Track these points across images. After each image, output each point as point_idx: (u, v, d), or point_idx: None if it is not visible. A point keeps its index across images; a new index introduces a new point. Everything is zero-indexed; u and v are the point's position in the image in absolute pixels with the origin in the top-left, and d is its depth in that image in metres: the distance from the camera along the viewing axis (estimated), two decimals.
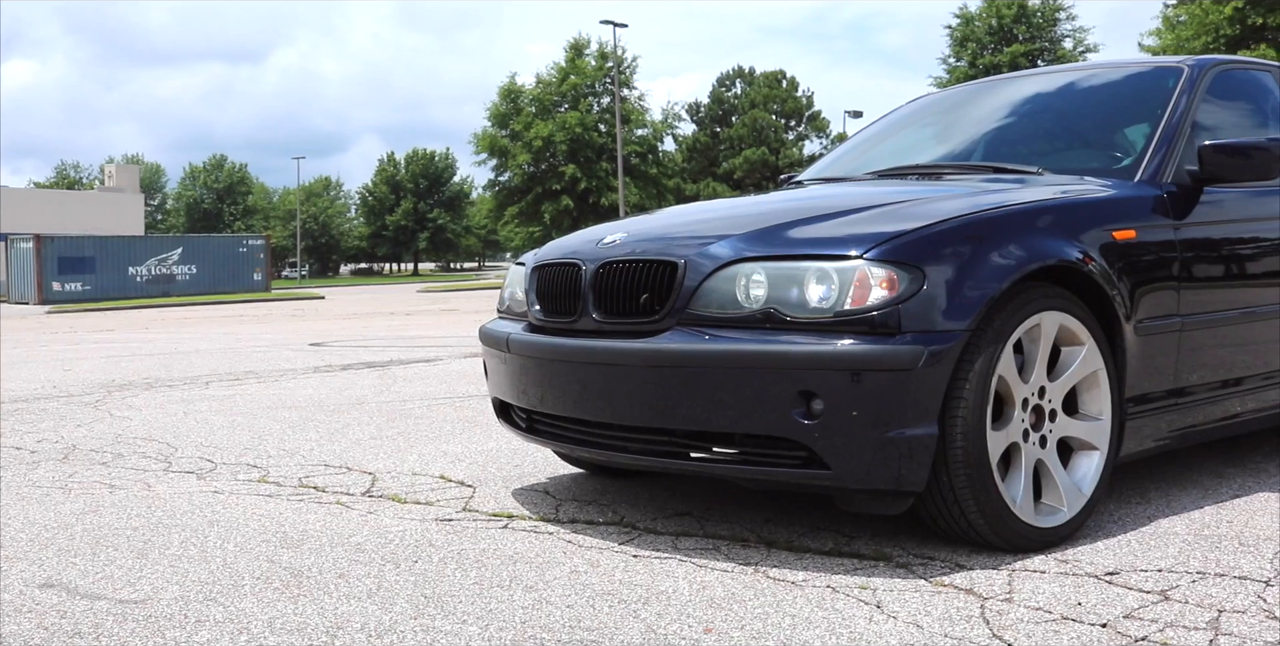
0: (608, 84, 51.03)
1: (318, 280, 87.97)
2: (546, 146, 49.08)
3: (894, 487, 2.88)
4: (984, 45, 45.62)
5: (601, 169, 49.46)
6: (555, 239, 4.01)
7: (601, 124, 50.57)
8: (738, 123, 67.23)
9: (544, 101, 50.49)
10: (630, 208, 47.03)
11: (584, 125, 49.25)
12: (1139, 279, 3.42)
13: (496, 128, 50.71)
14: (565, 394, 3.37)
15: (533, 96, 50.80)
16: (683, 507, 3.70)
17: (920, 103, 5.24)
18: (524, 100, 50.84)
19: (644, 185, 50.53)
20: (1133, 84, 4.50)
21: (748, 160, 63.25)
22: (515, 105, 50.75)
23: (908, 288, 2.87)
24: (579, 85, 50.79)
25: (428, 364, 9.30)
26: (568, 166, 49.09)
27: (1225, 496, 3.73)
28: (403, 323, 17.02)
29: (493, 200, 53.73)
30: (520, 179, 50.60)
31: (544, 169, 50.18)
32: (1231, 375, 3.85)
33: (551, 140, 48.75)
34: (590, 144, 49.60)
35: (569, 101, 50.83)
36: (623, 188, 45.74)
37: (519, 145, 49.42)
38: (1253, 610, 2.57)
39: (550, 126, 48.77)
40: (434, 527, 3.51)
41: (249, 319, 20.98)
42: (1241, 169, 3.70)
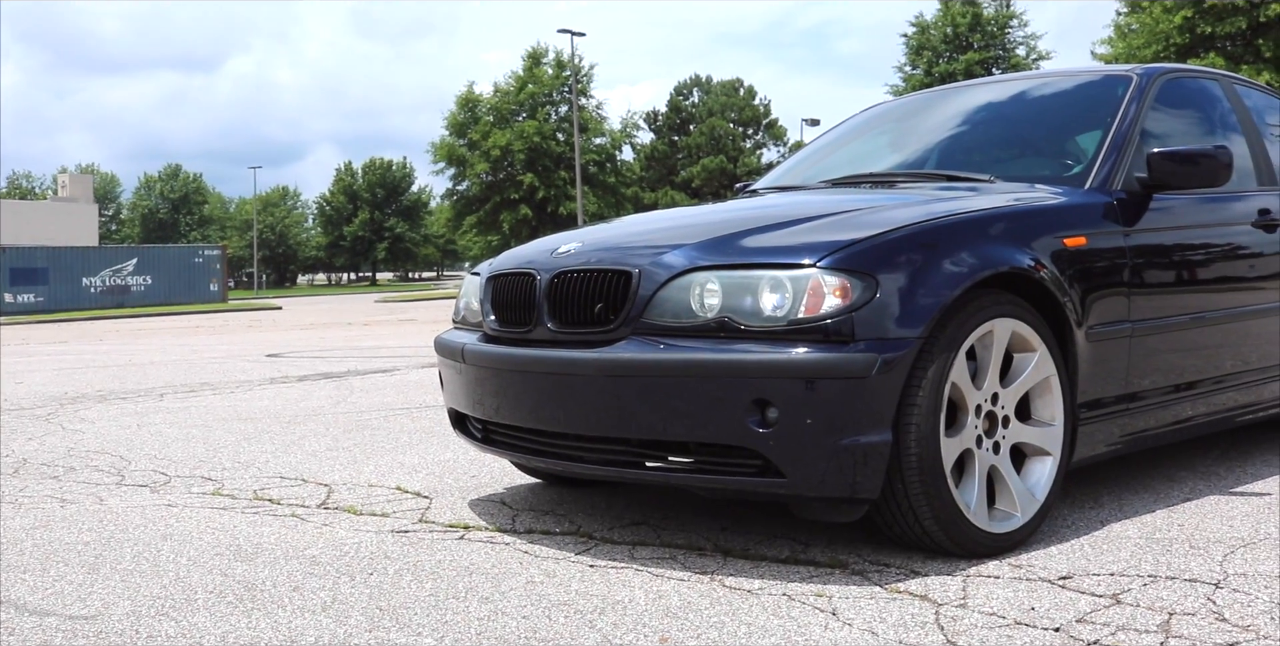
0: (565, 93, 51.03)
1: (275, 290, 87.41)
2: (504, 155, 49.00)
3: (849, 495, 2.89)
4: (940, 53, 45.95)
5: (560, 178, 49.45)
6: (511, 248, 4.00)
7: (559, 133, 50.56)
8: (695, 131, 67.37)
9: (502, 110, 50.41)
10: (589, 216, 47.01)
11: (542, 134, 49.22)
12: (1090, 285, 3.46)
13: (454, 137, 50.59)
14: (521, 404, 3.37)
15: (490, 105, 50.71)
16: (640, 517, 3.70)
17: (874, 111, 5.27)
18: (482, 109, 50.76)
19: (602, 194, 50.53)
20: (1083, 92, 4.54)
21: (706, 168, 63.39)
22: (473, 114, 50.66)
23: (861, 296, 2.88)
24: (537, 94, 50.76)
25: (385, 374, 9.26)
26: (526, 175, 49.04)
27: (1176, 500, 3.77)
28: (360, 333, 16.94)
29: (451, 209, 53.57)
30: (478, 188, 50.50)
31: (502, 178, 50.10)
32: (1183, 379, 3.89)
33: (509, 149, 48.68)
34: (548, 153, 49.57)
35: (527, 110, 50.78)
36: (581, 197, 45.72)
37: (477, 154, 49.31)
38: (1203, 612, 2.60)
39: (508, 135, 48.70)
40: (390, 539, 3.49)
41: (205, 330, 20.82)
42: (1189, 176, 3.74)
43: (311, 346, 13.73)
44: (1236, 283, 4.19)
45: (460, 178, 50.95)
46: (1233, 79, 4.90)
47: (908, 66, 46.01)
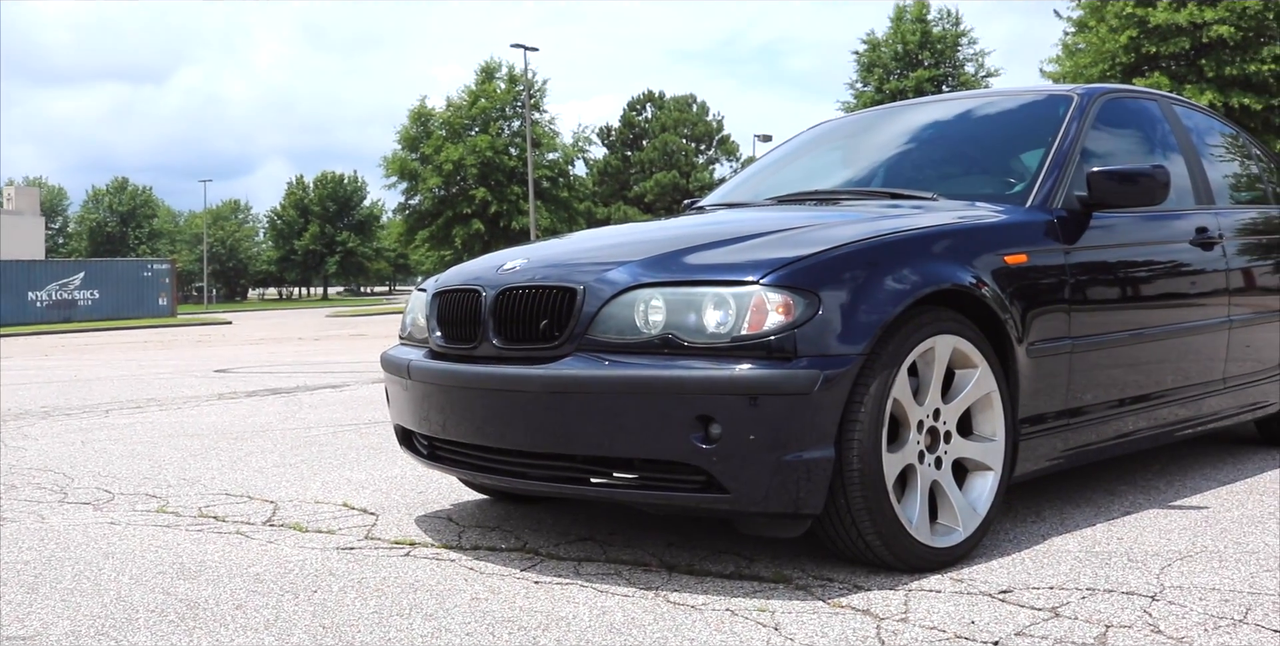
0: (518, 107, 51.00)
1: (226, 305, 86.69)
2: (457, 170, 48.84)
3: (792, 510, 2.91)
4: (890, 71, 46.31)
5: (513, 192, 49.35)
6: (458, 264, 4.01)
7: (512, 147, 50.47)
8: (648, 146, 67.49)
9: (454, 125, 50.28)
10: (541, 231, 46.95)
11: (495, 149, 49.12)
12: (1030, 302, 3.50)
13: (407, 151, 50.39)
14: (466, 420, 3.37)
15: (443, 120, 50.58)
16: (586, 533, 3.70)
17: (821, 128, 5.31)
18: (434, 123, 50.62)
19: (555, 209, 50.48)
20: (1026, 111, 4.60)
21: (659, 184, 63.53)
22: (425, 128, 50.49)
23: (804, 312, 2.91)
24: (489, 109, 50.66)
25: (334, 390, 9.21)
26: (478, 190, 48.90)
27: (1117, 513, 3.82)
28: (311, 348, 16.84)
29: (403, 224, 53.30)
30: (431, 202, 50.30)
31: (455, 192, 49.92)
32: (1123, 395, 3.94)
33: (462, 164, 48.54)
34: (501, 167, 49.47)
35: (479, 125, 50.68)
36: (534, 211, 45.68)
37: (429, 168, 49.12)
38: (1139, 624, 2.64)
39: (461, 150, 48.56)
40: (335, 556, 3.47)
41: (153, 345, 20.62)
42: (1128, 194, 3.80)
43: (261, 362, 13.63)
44: (1175, 299, 4.26)
45: (412, 192, 50.72)
46: (1171, 99, 4.99)
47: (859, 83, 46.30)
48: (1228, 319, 4.46)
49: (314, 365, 12.60)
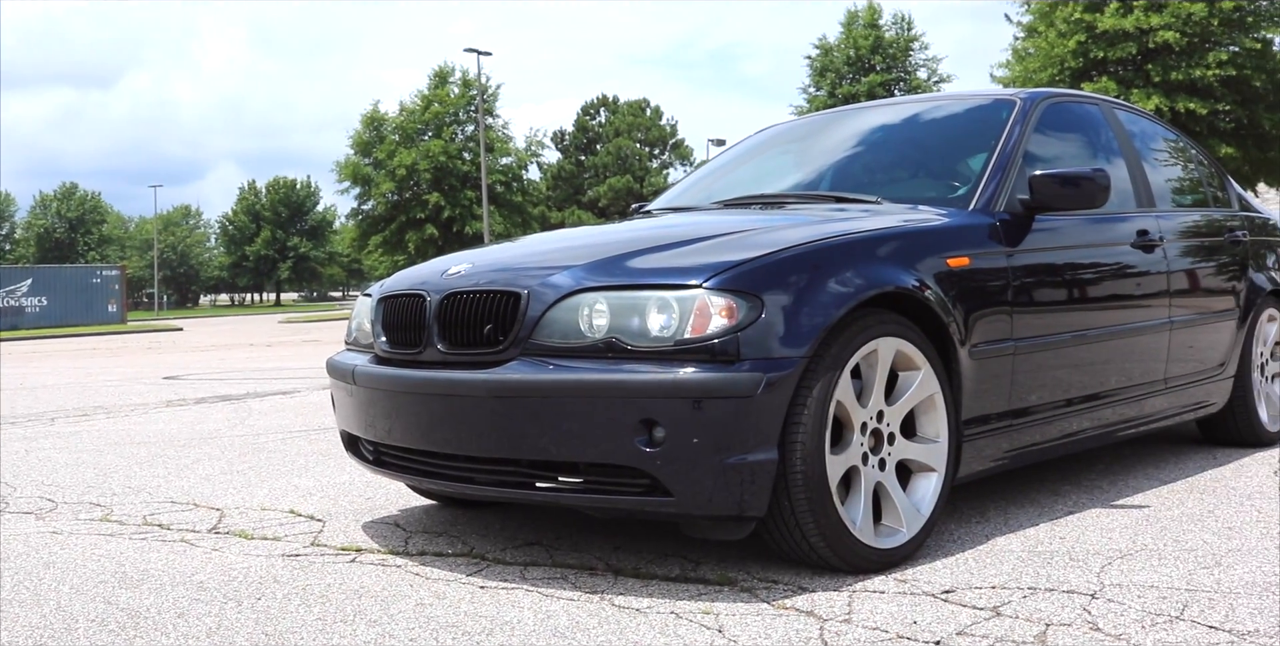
0: (472, 112, 50.84)
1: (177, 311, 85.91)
2: (410, 175, 48.61)
3: (737, 513, 2.92)
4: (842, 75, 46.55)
5: (466, 197, 49.17)
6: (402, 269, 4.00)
7: (466, 152, 50.28)
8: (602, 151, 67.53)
9: (407, 129, 50.05)
10: (495, 236, 46.81)
11: (448, 153, 48.92)
12: (973, 304, 3.53)
13: (359, 156, 50.10)
14: (412, 426, 3.35)
15: (396, 124, 50.34)
16: (533, 537, 3.70)
17: (769, 133, 5.33)
18: (387, 128, 50.36)
19: (509, 214, 50.34)
20: (970, 116, 4.65)
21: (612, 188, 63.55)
22: (378, 133, 50.22)
23: (746, 316, 2.92)
24: (442, 113, 50.48)
25: (285, 396, 9.15)
26: (432, 195, 48.69)
27: (1060, 513, 3.85)
28: (262, 354, 16.72)
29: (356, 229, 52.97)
30: (384, 207, 50.02)
31: (408, 197, 49.68)
32: (1066, 396, 3.99)
33: (415, 168, 48.32)
34: (454, 172, 49.29)
35: (432, 130, 50.48)
36: (487, 216, 45.55)
37: (382, 173, 48.85)
38: (1078, 623, 2.66)
39: (414, 155, 48.34)
40: (280, 563, 3.45)
41: (102, 352, 20.40)
42: (1070, 197, 3.84)
43: (211, 368, 13.52)
44: (1117, 301, 4.31)
45: (365, 197, 50.41)
46: (1113, 104, 5.05)
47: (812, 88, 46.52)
48: (1169, 320, 4.52)
49: (265, 371, 12.51)
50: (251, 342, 21.68)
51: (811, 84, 46.71)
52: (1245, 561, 3.18)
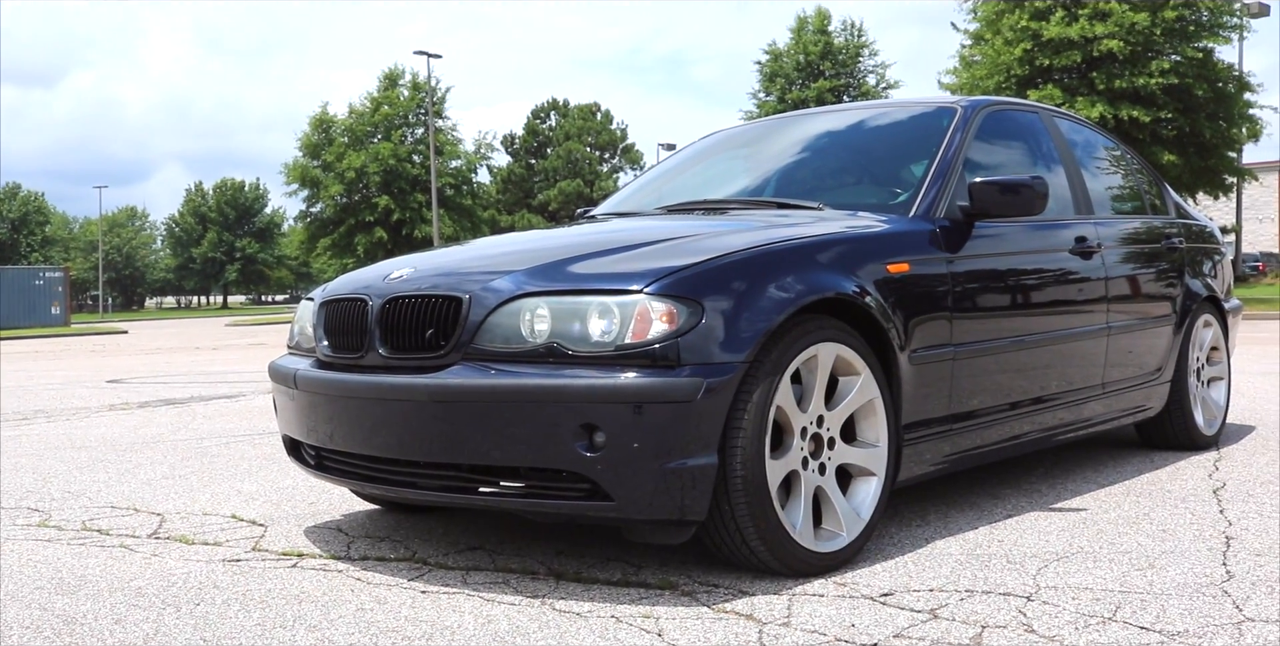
0: (421, 115, 50.65)
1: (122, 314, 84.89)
2: (359, 177, 48.38)
3: (677, 517, 2.94)
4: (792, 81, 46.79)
5: (415, 200, 48.98)
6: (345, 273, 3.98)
7: (415, 155, 50.09)
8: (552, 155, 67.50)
9: (356, 132, 49.80)
10: (444, 239, 46.65)
11: (397, 156, 48.73)
12: (913, 310, 3.57)
13: (308, 158, 49.79)
14: (353, 430, 3.34)
15: (345, 127, 50.07)
16: (476, 542, 3.70)
17: (714, 138, 5.36)
18: (336, 130, 50.08)
19: (459, 217, 50.18)
20: (912, 123, 4.69)
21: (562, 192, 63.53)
22: (327, 135, 49.94)
23: (687, 321, 2.93)
24: (392, 116, 50.28)
25: (230, 400, 9.08)
26: (381, 198, 48.47)
27: (999, 516, 3.90)
28: (208, 357, 16.57)
29: (305, 232, 52.62)
30: (333, 210, 49.74)
31: (357, 200, 49.43)
32: (1005, 400, 4.03)
33: (364, 171, 48.09)
34: (404, 175, 49.08)
35: (382, 132, 50.25)
36: (437, 219, 45.41)
37: (331, 176, 48.59)
38: (1013, 624, 2.70)
39: (363, 157, 48.12)
40: (220, 568, 3.43)
41: (44, 355, 20.12)
42: (1009, 204, 3.89)
43: (156, 372, 13.38)
44: (1056, 307, 4.37)
45: (314, 199, 50.11)
46: (1053, 112, 5.12)
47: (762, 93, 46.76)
48: (1107, 325, 4.58)
49: (210, 375, 12.40)
50: (197, 346, 21.48)
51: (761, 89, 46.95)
52: (1178, 563, 3.24)
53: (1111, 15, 26.75)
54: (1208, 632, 2.62)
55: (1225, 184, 30.82)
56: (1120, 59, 27.12)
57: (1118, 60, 27.19)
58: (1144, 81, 26.54)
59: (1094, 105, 26.70)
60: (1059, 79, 28.62)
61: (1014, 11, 28.25)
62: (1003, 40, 28.37)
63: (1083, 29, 26.84)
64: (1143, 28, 26.52)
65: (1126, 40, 26.63)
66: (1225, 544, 3.46)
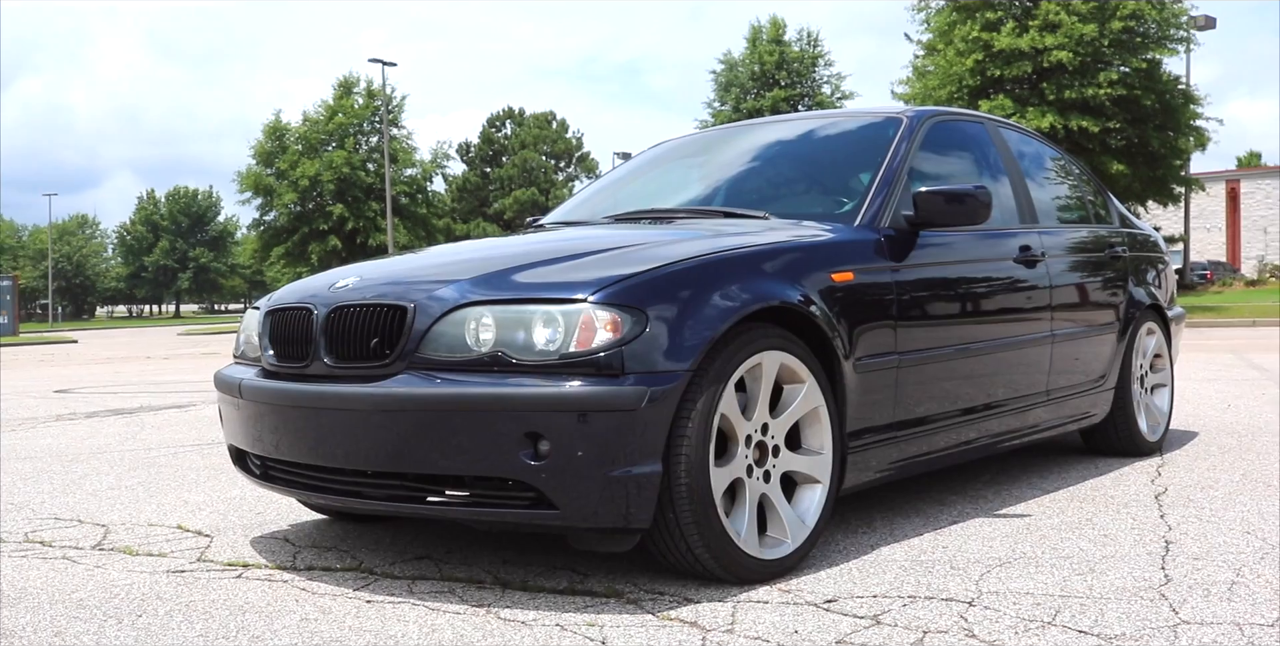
0: (376, 123, 50.45)
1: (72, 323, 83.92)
2: (313, 185, 48.11)
3: (622, 525, 2.95)
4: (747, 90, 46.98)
5: (370, 208, 48.76)
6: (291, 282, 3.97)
7: (370, 163, 49.89)
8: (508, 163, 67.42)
9: (311, 140, 49.54)
10: (398, 248, 46.48)
11: (351, 164, 48.50)
12: (857, 319, 3.60)
13: (261, 166, 49.47)
14: (299, 440, 3.33)
15: (299, 134, 49.80)
16: (423, 551, 3.69)
17: (663, 147, 5.38)
18: (290, 138, 49.80)
19: (414, 225, 50.02)
20: (859, 133, 4.73)
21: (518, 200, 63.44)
22: (281, 143, 49.64)
23: (631, 330, 2.95)
24: (346, 124, 50.04)
25: (180, 410, 9.00)
26: (335, 206, 48.23)
27: (944, 523, 3.93)
28: (159, 367, 16.43)
29: (258, 240, 52.29)
30: (286, 218, 49.42)
31: (311, 208, 49.16)
32: (950, 407, 4.07)
33: (318, 179, 47.82)
34: (358, 183, 48.86)
35: (336, 140, 50.00)
36: (391, 228, 45.24)
37: (285, 184, 48.30)
38: (954, 630, 2.73)
39: (317, 165, 47.86)
40: (164, 580, 3.41)
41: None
42: (953, 214, 3.93)
43: (105, 381, 13.25)
44: (1000, 315, 4.41)
45: (268, 207, 49.79)
46: (999, 122, 5.18)
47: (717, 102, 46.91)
48: (1050, 333, 4.64)
49: (161, 384, 12.30)
50: (148, 355, 21.30)
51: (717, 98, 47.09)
52: (1118, 567, 3.28)
53: (1061, 27, 27.07)
54: (1144, 635, 2.66)
55: (1173, 193, 31.23)
56: (1070, 70, 27.44)
57: (1067, 71, 27.50)
58: (1093, 92, 26.86)
59: (1044, 115, 26.99)
60: (1010, 89, 28.89)
61: (966, 22, 28.53)
62: (955, 51, 28.64)
63: (1033, 40, 27.14)
64: (1091, 39, 26.86)
65: (1076, 51, 26.95)
66: (1165, 548, 3.51)
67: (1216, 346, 14.22)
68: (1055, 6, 27.33)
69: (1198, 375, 9.83)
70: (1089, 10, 27.20)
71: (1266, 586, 3.06)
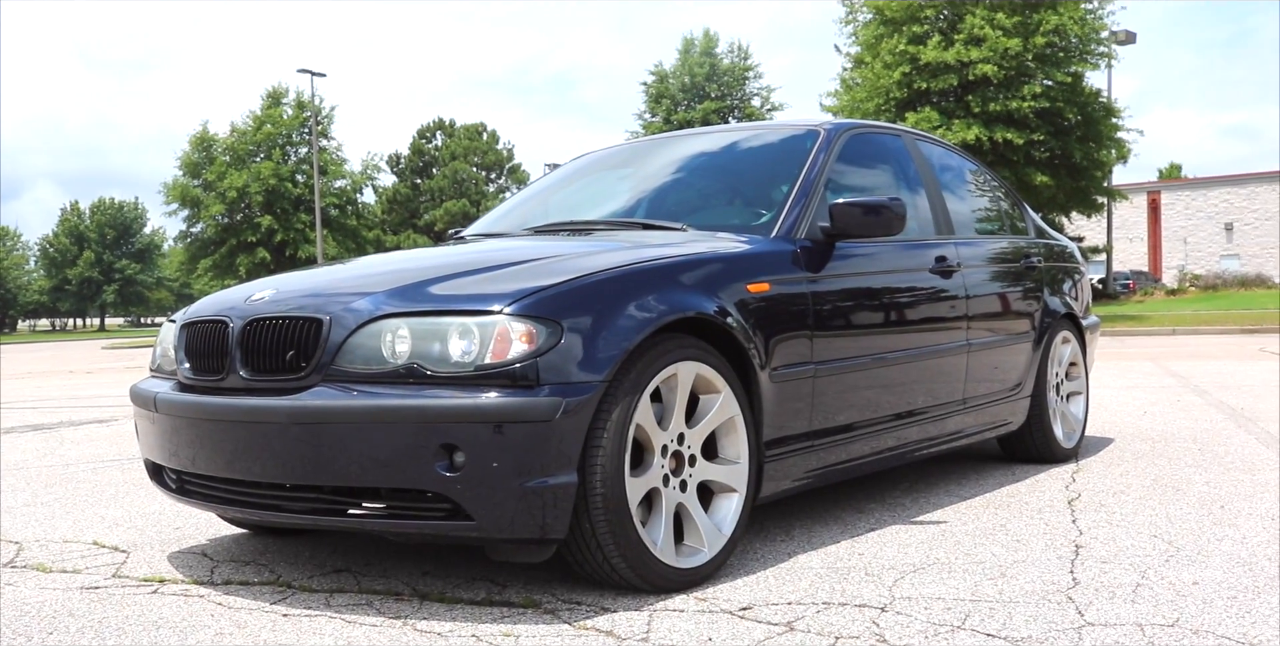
0: (305, 134, 50.06)
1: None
2: (241, 197, 47.64)
3: (538, 535, 2.96)
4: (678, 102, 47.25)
5: (300, 220, 48.35)
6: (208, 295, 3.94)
7: (299, 174, 49.47)
8: (439, 175, 67.14)
9: (238, 151, 49.04)
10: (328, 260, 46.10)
11: (279, 176, 48.07)
12: (774, 329, 3.64)
13: (188, 177, 48.88)
14: (215, 453, 3.31)
15: (227, 145, 49.28)
16: (342, 564, 3.68)
17: (586, 159, 5.40)
18: (217, 149, 49.27)
19: (343, 237, 49.62)
20: (778, 145, 4.78)
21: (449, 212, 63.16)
22: (208, 154, 49.10)
23: (546, 341, 2.97)
24: (275, 135, 49.60)
25: (101, 425, 8.88)
26: (264, 218, 47.77)
27: (862, 530, 3.99)
28: (82, 381, 16.18)
29: (185, 252, 51.62)
30: (214, 230, 48.88)
31: (239, 220, 48.66)
32: (867, 416, 4.12)
33: (246, 191, 47.36)
34: (287, 195, 48.42)
35: (265, 151, 49.54)
36: (321, 240, 44.90)
37: (212, 196, 47.78)
38: (866, 635, 2.77)
39: (245, 176, 47.39)
40: (77, 596, 3.37)
41: None
42: (869, 225, 3.98)
43: (24, 396, 13.03)
44: (916, 325, 4.48)
45: (195, 219, 49.21)
46: (916, 135, 5.25)
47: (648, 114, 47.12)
48: (966, 342, 4.71)
49: (83, 399, 12.11)
50: (71, 369, 20.95)
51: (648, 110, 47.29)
52: (1028, 572, 3.35)
53: (986, 41, 27.45)
54: (1049, 638, 2.72)
55: (1096, 204, 31.76)
56: (994, 83, 27.83)
57: (992, 84, 27.89)
58: (1017, 105, 27.26)
59: (970, 127, 27.35)
60: (937, 102, 29.25)
61: (893, 36, 28.85)
62: (882, 64, 28.93)
63: (958, 53, 27.51)
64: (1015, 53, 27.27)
65: (1000, 65, 27.34)
66: (1074, 552, 3.58)
67: (1136, 354, 14.48)
68: (980, 21, 27.73)
69: (1116, 383, 10.01)
70: (1013, 25, 27.63)
71: (1169, 588, 3.13)
